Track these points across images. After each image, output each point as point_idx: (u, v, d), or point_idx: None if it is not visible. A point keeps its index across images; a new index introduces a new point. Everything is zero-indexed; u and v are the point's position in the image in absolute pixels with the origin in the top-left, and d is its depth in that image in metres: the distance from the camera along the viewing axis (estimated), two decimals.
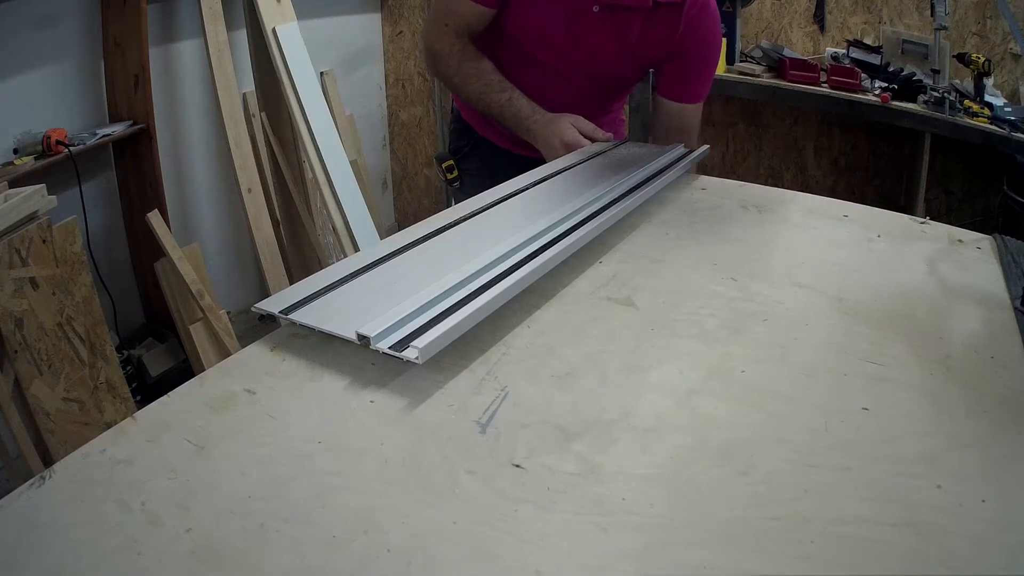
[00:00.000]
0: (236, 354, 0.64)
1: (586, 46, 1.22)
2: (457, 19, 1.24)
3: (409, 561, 0.42)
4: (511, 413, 0.56)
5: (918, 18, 2.39)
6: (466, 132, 1.46)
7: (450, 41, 1.26)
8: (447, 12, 1.25)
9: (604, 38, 1.21)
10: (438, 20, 1.27)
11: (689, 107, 1.28)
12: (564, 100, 1.28)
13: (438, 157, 1.48)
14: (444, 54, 1.27)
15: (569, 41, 1.23)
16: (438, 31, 1.27)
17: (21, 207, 1.41)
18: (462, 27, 1.25)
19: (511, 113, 1.25)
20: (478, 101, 1.28)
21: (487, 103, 1.27)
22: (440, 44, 1.27)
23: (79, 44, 1.99)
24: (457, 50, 1.26)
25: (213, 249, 2.49)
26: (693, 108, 1.29)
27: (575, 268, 0.81)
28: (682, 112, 1.29)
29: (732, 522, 0.46)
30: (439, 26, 1.26)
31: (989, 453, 0.52)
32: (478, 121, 1.42)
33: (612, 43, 1.22)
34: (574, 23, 1.20)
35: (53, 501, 0.46)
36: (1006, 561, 0.43)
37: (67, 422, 1.48)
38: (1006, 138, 1.96)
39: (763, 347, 0.66)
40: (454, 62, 1.27)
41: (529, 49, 1.27)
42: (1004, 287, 0.79)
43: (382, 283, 0.72)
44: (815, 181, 2.78)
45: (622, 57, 1.24)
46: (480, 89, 1.26)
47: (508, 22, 1.24)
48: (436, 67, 1.31)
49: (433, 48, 1.29)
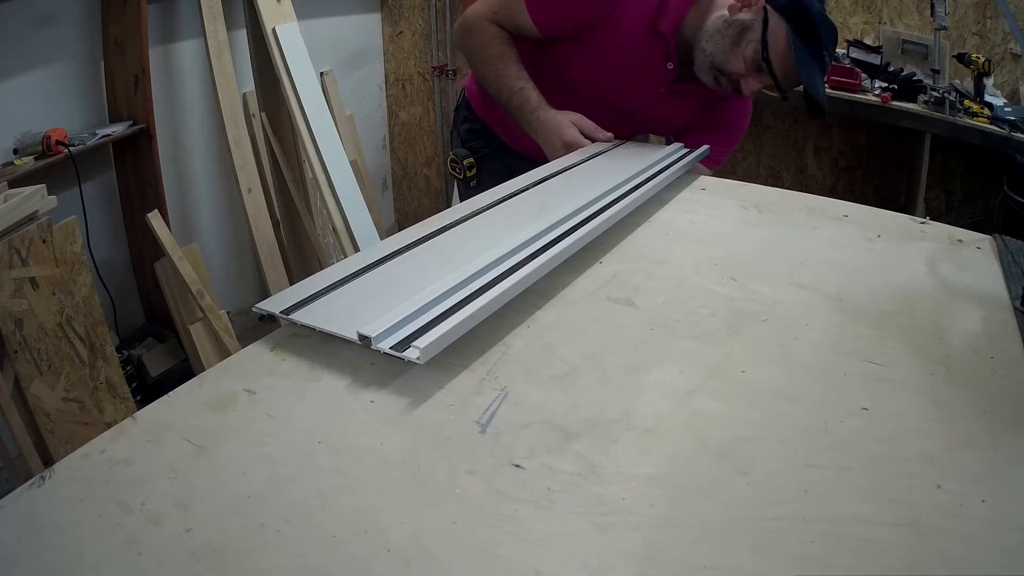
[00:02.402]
0: (236, 354, 0.64)
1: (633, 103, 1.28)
2: (506, 15, 1.27)
3: (409, 561, 0.42)
4: (511, 413, 0.56)
5: (918, 18, 2.39)
6: (483, 133, 1.47)
7: (488, 23, 1.29)
8: (502, 4, 1.27)
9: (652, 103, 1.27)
10: (490, 3, 1.29)
11: (703, 169, 1.29)
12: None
13: (457, 154, 1.47)
14: (478, 28, 1.30)
15: (619, 95, 1.28)
16: (483, 10, 1.30)
17: (21, 207, 1.41)
18: (507, 22, 1.28)
19: (518, 102, 1.26)
20: (491, 83, 1.30)
21: (499, 87, 1.29)
22: (478, 19, 1.30)
23: (79, 44, 1.99)
24: (492, 30, 1.29)
25: (213, 249, 2.49)
26: (707, 171, 1.30)
27: (575, 268, 0.81)
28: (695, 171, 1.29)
29: (732, 522, 0.46)
30: (488, 6, 1.29)
31: (989, 453, 0.52)
32: (499, 124, 1.43)
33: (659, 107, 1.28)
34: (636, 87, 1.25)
35: (53, 501, 0.46)
36: (1005, 561, 0.43)
37: (67, 422, 1.48)
38: (1006, 138, 1.96)
39: (763, 347, 0.66)
40: (485, 37, 1.29)
41: (575, 85, 1.30)
42: (1004, 287, 0.79)
43: (383, 283, 0.72)
44: (815, 181, 2.78)
45: (661, 114, 1.30)
46: (497, 71, 1.29)
47: (563, 62, 1.29)
48: (464, 37, 1.33)
49: (471, 19, 1.31)
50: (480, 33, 1.30)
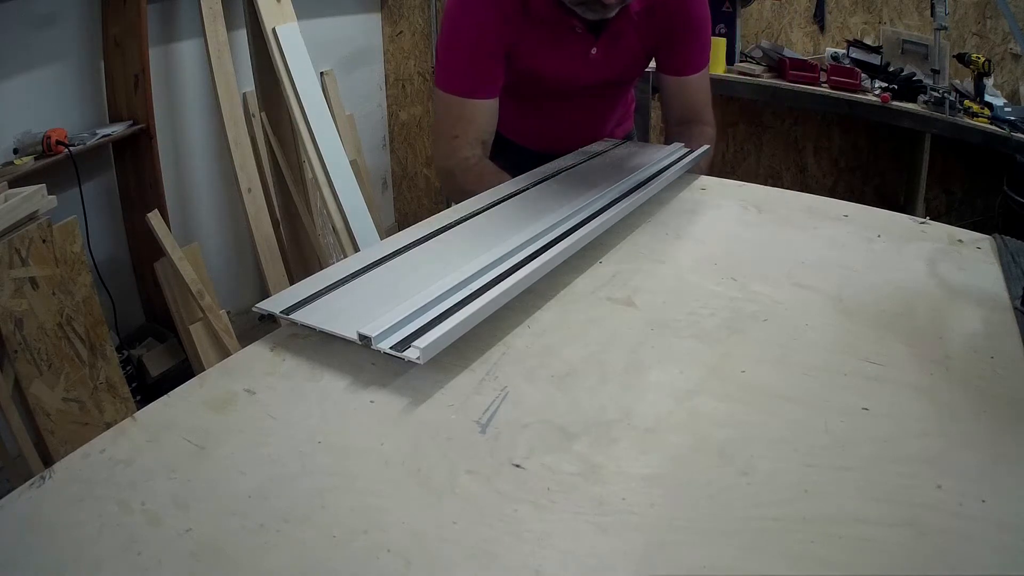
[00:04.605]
0: (236, 354, 0.64)
1: (591, 73, 1.23)
2: (466, 125, 1.17)
3: (409, 561, 0.42)
4: (511, 413, 0.56)
5: (918, 18, 2.39)
6: None
7: (464, 154, 1.18)
8: (453, 124, 1.18)
9: (605, 60, 1.21)
10: (446, 136, 1.19)
11: (693, 79, 1.28)
12: (580, 116, 1.31)
13: None
14: (461, 169, 1.18)
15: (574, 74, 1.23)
16: (448, 147, 1.19)
17: (21, 207, 1.41)
18: (473, 134, 1.18)
19: None
20: None
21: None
22: (454, 160, 1.19)
23: (79, 44, 1.99)
24: (474, 162, 1.18)
25: (213, 249, 2.49)
26: (697, 78, 1.29)
27: (575, 268, 0.81)
28: (687, 85, 1.29)
29: (732, 522, 0.46)
30: (448, 141, 1.19)
31: (989, 453, 0.52)
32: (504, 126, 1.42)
33: (614, 61, 1.23)
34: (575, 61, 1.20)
35: (53, 501, 0.46)
36: (1005, 561, 0.43)
37: (67, 422, 1.48)
38: (1006, 138, 1.96)
39: (763, 347, 0.66)
40: (473, 176, 1.17)
41: (537, 91, 1.26)
42: (1004, 287, 0.79)
43: (383, 283, 0.72)
44: (815, 181, 2.78)
45: (623, 65, 1.25)
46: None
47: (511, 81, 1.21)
48: (454, 184, 1.21)
49: (447, 166, 1.20)
50: (465, 173, 1.18)
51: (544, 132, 1.36)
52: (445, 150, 1.20)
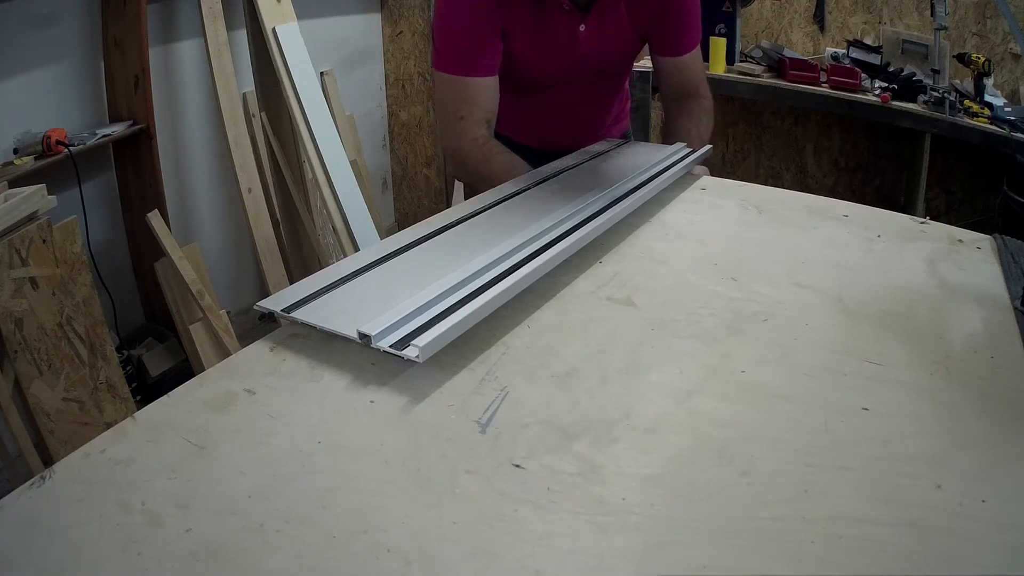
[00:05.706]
0: (236, 354, 0.64)
1: (582, 51, 1.23)
2: (470, 105, 1.17)
3: (409, 561, 0.42)
4: (511, 413, 0.56)
5: (918, 18, 2.39)
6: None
7: (473, 135, 1.18)
8: (457, 105, 1.18)
9: (595, 37, 1.22)
10: (452, 117, 1.19)
11: (686, 58, 1.29)
12: (576, 108, 1.31)
13: None
14: (468, 149, 1.19)
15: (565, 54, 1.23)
16: (456, 128, 1.19)
17: (21, 207, 1.41)
18: (478, 113, 1.18)
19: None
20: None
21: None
22: (464, 140, 1.19)
23: (79, 44, 1.99)
24: (483, 142, 1.18)
25: (213, 249, 2.49)
26: (690, 57, 1.30)
27: (575, 268, 0.81)
28: (681, 64, 1.30)
29: (732, 522, 0.46)
30: (455, 122, 1.19)
31: (989, 453, 0.52)
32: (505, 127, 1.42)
33: (604, 39, 1.23)
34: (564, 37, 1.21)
35: (53, 501, 0.46)
36: (1005, 561, 0.43)
37: (67, 422, 1.48)
38: (1006, 138, 1.96)
39: (763, 347, 0.66)
40: (482, 156, 1.18)
41: (530, 79, 1.26)
42: (1004, 287, 0.79)
43: (382, 282, 0.72)
44: (815, 181, 2.78)
45: (613, 45, 1.25)
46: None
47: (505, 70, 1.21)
48: (464, 166, 1.22)
49: (457, 146, 1.20)
50: (473, 153, 1.18)
51: (539, 125, 1.36)
52: (453, 132, 1.20)
